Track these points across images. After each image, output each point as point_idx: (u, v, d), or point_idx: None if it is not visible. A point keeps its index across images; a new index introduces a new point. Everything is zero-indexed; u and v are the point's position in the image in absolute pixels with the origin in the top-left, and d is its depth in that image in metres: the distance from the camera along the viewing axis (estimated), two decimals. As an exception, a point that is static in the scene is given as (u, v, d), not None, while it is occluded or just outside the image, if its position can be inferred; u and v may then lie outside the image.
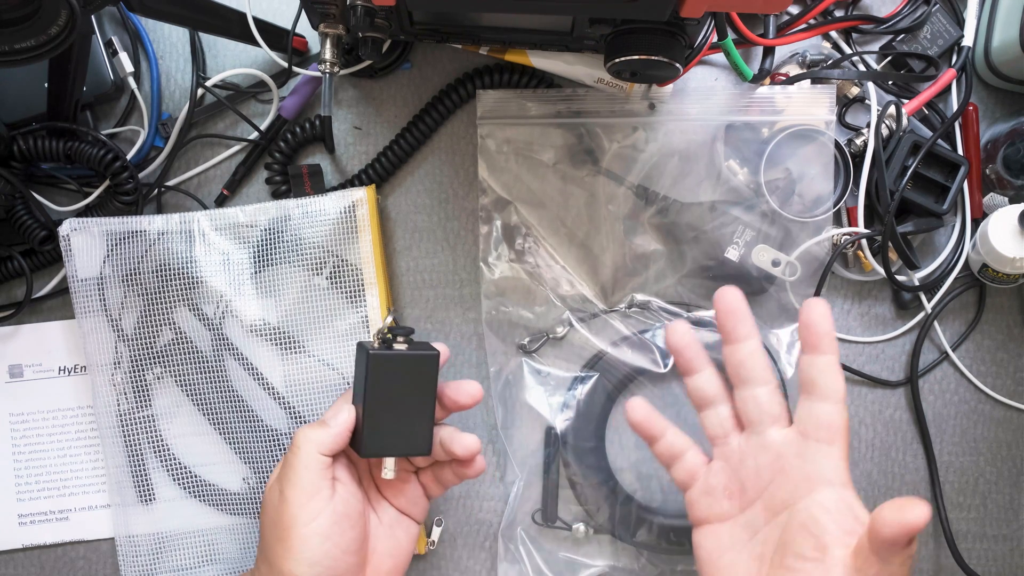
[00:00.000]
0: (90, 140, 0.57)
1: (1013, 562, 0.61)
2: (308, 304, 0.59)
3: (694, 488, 0.50)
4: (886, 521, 0.39)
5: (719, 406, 0.50)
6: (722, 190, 0.59)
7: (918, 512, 0.38)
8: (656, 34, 0.46)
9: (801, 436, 0.46)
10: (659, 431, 0.51)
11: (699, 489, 0.49)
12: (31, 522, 0.62)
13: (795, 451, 0.46)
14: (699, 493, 0.49)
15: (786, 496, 0.46)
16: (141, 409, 0.60)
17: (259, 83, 0.61)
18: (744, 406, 0.49)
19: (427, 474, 0.54)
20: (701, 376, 0.50)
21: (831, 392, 0.46)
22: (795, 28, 0.59)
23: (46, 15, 0.45)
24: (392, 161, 0.61)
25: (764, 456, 0.47)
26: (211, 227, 0.59)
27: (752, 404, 0.48)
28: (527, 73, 0.60)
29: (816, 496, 0.45)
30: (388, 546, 0.52)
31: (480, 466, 0.53)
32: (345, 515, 0.48)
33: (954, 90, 0.60)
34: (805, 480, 0.45)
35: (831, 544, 0.43)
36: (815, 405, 0.46)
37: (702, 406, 0.50)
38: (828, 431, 0.45)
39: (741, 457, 0.48)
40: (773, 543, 0.46)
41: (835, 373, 0.46)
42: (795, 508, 0.45)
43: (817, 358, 0.46)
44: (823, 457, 0.45)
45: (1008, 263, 0.56)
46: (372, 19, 0.50)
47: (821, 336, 0.46)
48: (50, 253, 0.61)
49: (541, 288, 0.61)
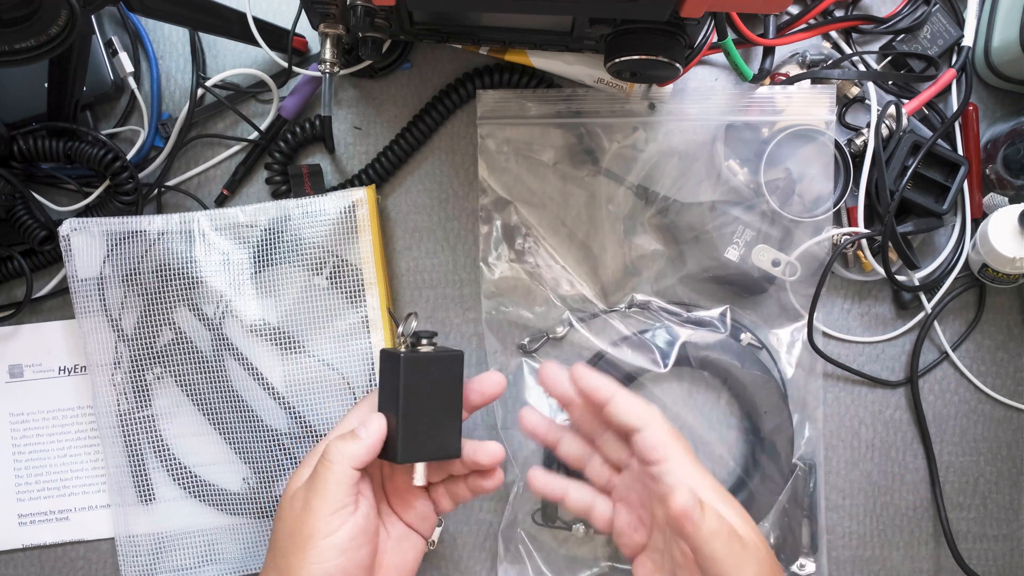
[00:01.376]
0: (90, 140, 0.57)
1: (1013, 562, 0.61)
2: (308, 304, 0.59)
3: (613, 532, 0.53)
4: None
5: (592, 460, 0.53)
6: (722, 190, 0.59)
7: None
8: (656, 34, 0.46)
9: (643, 464, 0.49)
10: (560, 494, 0.53)
11: (616, 532, 0.52)
12: (31, 522, 0.62)
13: (647, 477, 0.49)
14: (617, 535, 0.52)
15: (661, 514, 0.49)
16: (141, 409, 0.60)
17: (259, 83, 0.61)
18: (604, 450, 0.53)
19: (439, 489, 0.54)
20: (562, 444, 0.54)
21: (637, 421, 0.49)
22: (795, 28, 0.59)
23: (46, 15, 0.45)
24: (392, 161, 0.61)
25: (637, 486, 0.51)
26: (211, 227, 0.59)
27: (609, 447, 0.53)
28: (527, 73, 0.60)
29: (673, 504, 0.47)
30: (395, 561, 0.52)
31: (499, 478, 0.53)
32: (364, 530, 0.48)
33: (954, 90, 0.60)
34: (662, 497, 0.48)
35: None
36: (635, 438, 0.49)
37: (579, 466, 0.54)
38: (655, 451, 0.48)
39: (627, 493, 0.52)
40: (674, 558, 0.49)
41: (626, 406, 0.49)
42: (667, 520, 0.48)
43: (608, 408, 0.49)
44: (665, 474, 0.48)
45: (1008, 263, 0.56)
46: (372, 19, 0.50)
47: (595, 390, 0.50)
48: (50, 253, 0.61)
49: (541, 288, 0.61)
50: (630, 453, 0.51)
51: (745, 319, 0.60)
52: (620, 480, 0.53)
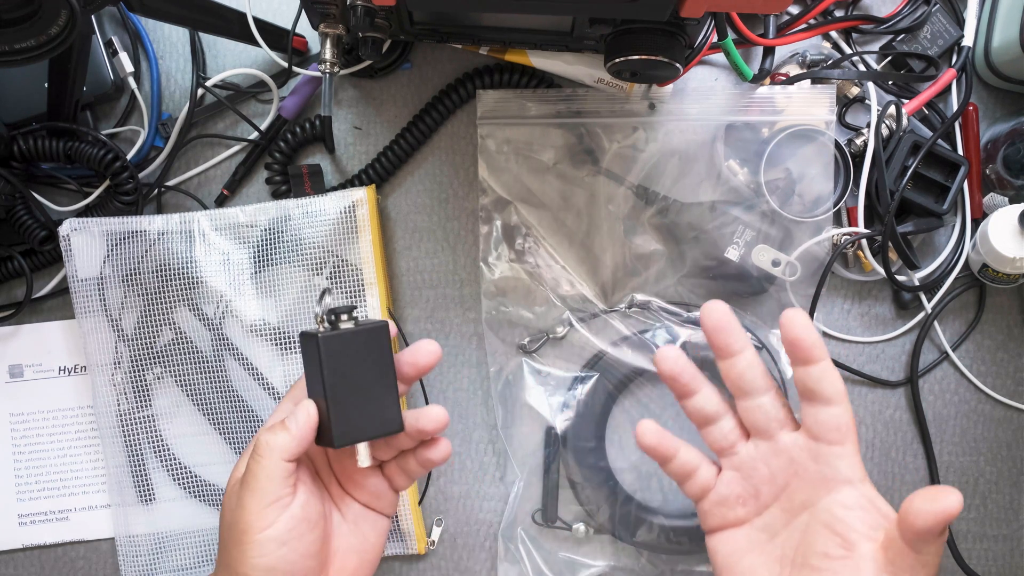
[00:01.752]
0: (90, 140, 0.57)
1: (1013, 562, 0.61)
2: (308, 304, 0.59)
3: (707, 500, 0.49)
4: (920, 511, 0.39)
5: (722, 420, 0.49)
6: (722, 190, 0.59)
7: (952, 500, 0.39)
8: (656, 34, 0.46)
9: (812, 439, 0.46)
10: (672, 451, 0.50)
11: (712, 500, 0.49)
12: (31, 522, 0.62)
13: (808, 454, 0.46)
14: (712, 504, 0.49)
15: (804, 498, 0.46)
16: (141, 409, 0.60)
17: (259, 83, 0.61)
18: (750, 415, 0.48)
19: (391, 466, 0.51)
20: (700, 396, 0.49)
21: (832, 396, 0.45)
22: (795, 28, 0.59)
23: (46, 15, 0.45)
24: (392, 161, 0.61)
25: (777, 460, 0.47)
26: (211, 227, 0.59)
27: (759, 413, 0.48)
28: (527, 73, 0.60)
29: (836, 495, 0.45)
30: (352, 543, 0.50)
31: (445, 449, 0.50)
32: (304, 519, 0.46)
33: (954, 90, 0.60)
34: (823, 481, 0.45)
35: (858, 540, 0.43)
36: (820, 410, 0.46)
37: (704, 424, 0.50)
38: (838, 432, 0.45)
39: (753, 464, 0.48)
40: (794, 545, 0.46)
41: (832, 377, 0.46)
42: (815, 509, 0.45)
43: (812, 368, 0.46)
44: (836, 458, 0.45)
45: (1008, 263, 0.56)
46: (372, 19, 0.50)
47: (810, 349, 0.45)
48: (50, 253, 0.61)
49: (541, 288, 0.61)
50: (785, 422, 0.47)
51: (745, 319, 0.60)
52: (747, 448, 0.48)
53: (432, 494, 0.62)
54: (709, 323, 0.48)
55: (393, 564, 0.62)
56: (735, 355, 0.48)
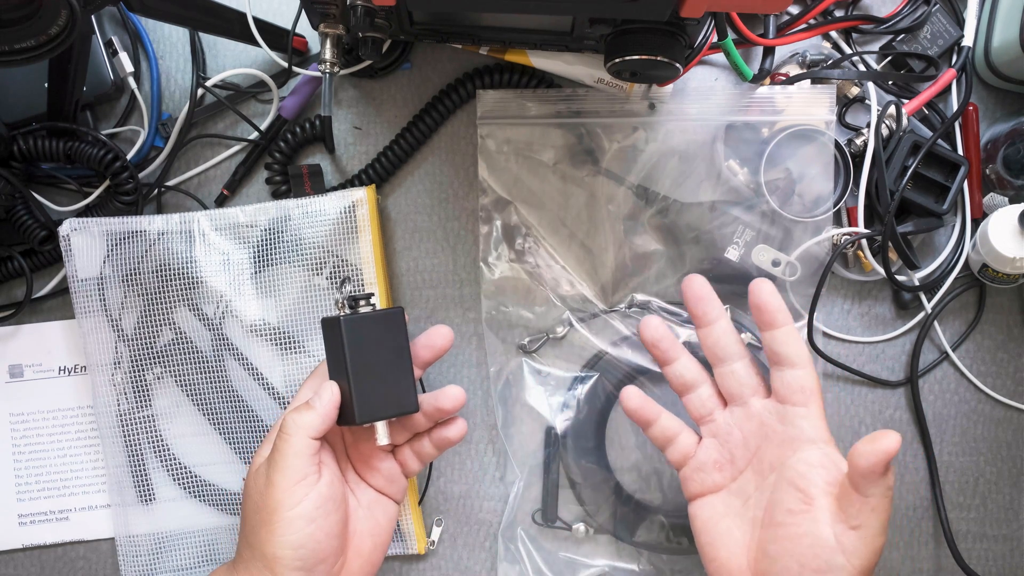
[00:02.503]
0: (90, 140, 0.57)
1: (1013, 562, 0.61)
2: (308, 304, 0.59)
3: (688, 466, 0.52)
4: (863, 452, 0.43)
5: (700, 387, 0.53)
6: (722, 190, 0.59)
7: (890, 439, 0.43)
8: (656, 34, 0.46)
9: (779, 402, 0.49)
10: (653, 416, 0.54)
11: (692, 466, 0.52)
12: (31, 522, 0.62)
13: (776, 417, 0.49)
14: (692, 470, 0.52)
15: (772, 459, 0.49)
16: (141, 409, 0.60)
17: (259, 83, 0.61)
18: (724, 381, 0.52)
19: (404, 450, 0.54)
20: (679, 363, 0.53)
21: (796, 358, 0.49)
22: (795, 28, 0.59)
23: (46, 15, 0.45)
24: (392, 161, 0.61)
25: (749, 425, 0.51)
26: (211, 227, 0.59)
27: (732, 379, 0.52)
28: (527, 73, 0.60)
29: (801, 454, 0.48)
30: (367, 527, 0.52)
31: (462, 428, 0.54)
32: (330, 498, 0.48)
33: (954, 90, 0.60)
34: (789, 441, 0.49)
35: (817, 495, 0.46)
36: (785, 373, 0.49)
37: (684, 391, 0.53)
38: (802, 393, 0.49)
39: (728, 430, 0.52)
40: (763, 506, 0.49)
41: (796, 341, 0.49)
42: (783, 468, 0.48)
43: (776, 332, 0.50)
44: (801, 418, 0.48)
45: (1008, 263, 0.56)
46: (372, 19, 0.50)
47: (774, 313, 0.50)
48: (50, 253, 0.61)
49: (541, 288, 0.61)
50: (757, 388, 0.51)
51: (745, 319, 0.60)
52: (724, 415, 0.52)
53: (432, 494, 0.62)
54: (690, 293, 0.52)
55: (393, 564, 0.62)
56: (712, 323, 0.52)
